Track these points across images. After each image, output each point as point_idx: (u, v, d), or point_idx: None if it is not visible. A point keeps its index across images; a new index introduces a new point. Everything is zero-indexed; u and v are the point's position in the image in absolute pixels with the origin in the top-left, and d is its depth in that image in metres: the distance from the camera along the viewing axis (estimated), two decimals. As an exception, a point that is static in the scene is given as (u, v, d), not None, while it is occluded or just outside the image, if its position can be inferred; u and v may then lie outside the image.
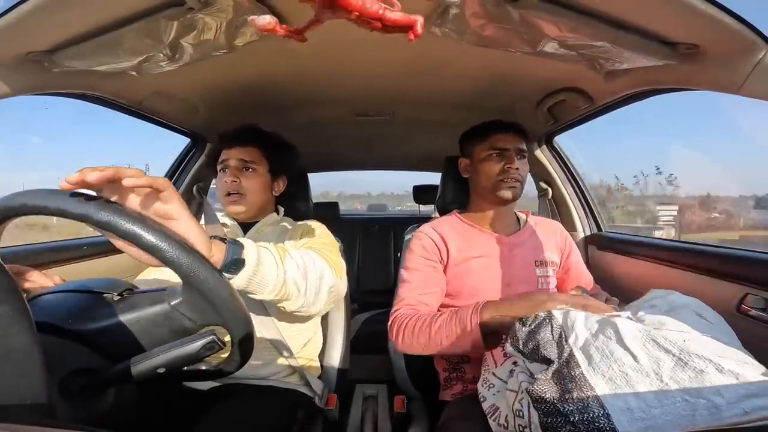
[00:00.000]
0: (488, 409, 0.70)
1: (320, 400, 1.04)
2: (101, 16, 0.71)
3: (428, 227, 1.11)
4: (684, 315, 0.62)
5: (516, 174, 1.04)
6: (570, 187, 1.66)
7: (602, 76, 0.98)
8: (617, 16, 0.69)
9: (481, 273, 1.04)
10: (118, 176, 0.46)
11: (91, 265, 1.25)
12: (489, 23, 0.74)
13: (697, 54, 0.74)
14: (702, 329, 0.59)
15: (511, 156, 1.04)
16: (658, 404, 0.51)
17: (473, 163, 1.11)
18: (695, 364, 0.52)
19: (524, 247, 1.09)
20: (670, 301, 0.67)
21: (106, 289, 0.57)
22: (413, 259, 1.06)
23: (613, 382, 0.53)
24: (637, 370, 0.53)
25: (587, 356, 0.56)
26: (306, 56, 1.00)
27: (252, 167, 1.09)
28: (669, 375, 0.52)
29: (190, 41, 0.79)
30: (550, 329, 0.61)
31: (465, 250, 1.05)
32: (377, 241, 2.73)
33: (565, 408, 0.53)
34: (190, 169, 1.63)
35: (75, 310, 0.54)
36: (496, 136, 1.06)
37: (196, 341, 0.53)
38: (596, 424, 0.51)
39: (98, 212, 0.44)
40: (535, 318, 0.64)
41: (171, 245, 0.47)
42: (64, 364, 0.50)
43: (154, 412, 0.74)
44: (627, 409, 0.51)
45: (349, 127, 1.71)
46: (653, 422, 0.50)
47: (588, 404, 0.52)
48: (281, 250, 0.73)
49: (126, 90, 1.08)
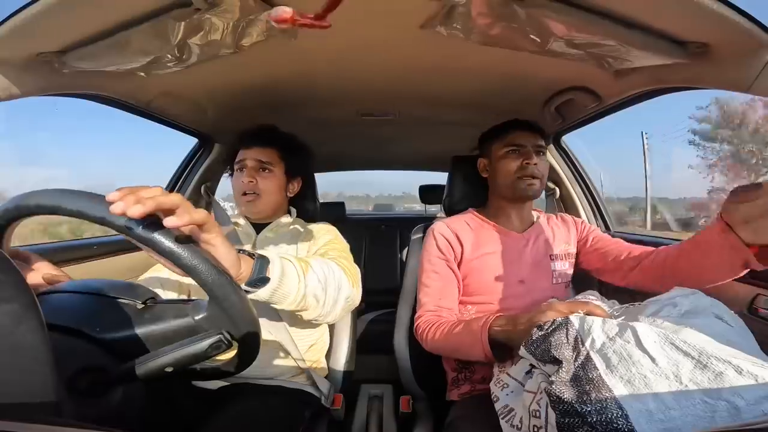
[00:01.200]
0: (501, 409, 0.70)
1: (326, 400, 1.04)
2: (110, 17, 0.72)
3: (442, 224, 1.11)
4: (704, 317, 0.62)
5: (534, 170, 1.04)
6: (578, 186, 1.64)
7: (611, 74, 0.97)
8: (626, 14, 0.69)
9: (495, 269, 1.04)
10: (159, 208, 0.47)
11: (99, 265, 1.26)
12: (496, 22, 0.74)
13: (706, 52, 0.73)
14: (721, 331, 0.58)
15: (528, 152, 1.05)
16: (677, 406, 0.51)
17: (492, 162, 1.12)
18: (714, 366, 0.52)
19: (538, 242, 1.10)
20: (692, 301, 0.66)
21: (128, 296, 0.59)
22: (430, 260, 1.08)
23: (632, 384, 0.53)
24: (655, 373, 0.53)
25: (605, 359, 0.56)
26: (312, 56, 1.01)
27: (269, 168, 1.09)
28: (688, 377, 0.52)
29: (197, 42, 0.80)
30: (566, 333, 0.61)
31: (478, 247, 1.06)
32: (383, 241, 2.73)
33: (583, 409, 0.54)
34: (198, 169, 1.64)
35: (100, 316, 0.56)
36: (513, 133, 1.07)
37: (204, 340, 0.53)
38: (615, 424, 0.51)
39: (138, 226, 0.47)
40: (553, 323, 0.64)
41: (206, 267, 0.50)
42: (72, 362, 0.50)
43: (162, 411, 0.75)
44: (646, 411, 0.51)
45: (354, 127, 1.71)
46: (673, 423, 0.50)
47: (606, 405, 0.53)
48: (304, 264, 0.75)
49: (135, 90, 1.08)
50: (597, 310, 0.71)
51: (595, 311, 0.70)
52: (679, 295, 0.68)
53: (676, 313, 0.63)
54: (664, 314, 0.64)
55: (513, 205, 1.11)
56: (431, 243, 1.09)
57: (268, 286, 0.66)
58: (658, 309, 0.66)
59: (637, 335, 0.57)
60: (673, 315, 0.63)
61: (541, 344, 0.63)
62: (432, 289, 1.05)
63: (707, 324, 0.59)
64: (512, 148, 1.06)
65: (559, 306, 0.73)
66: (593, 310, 0.70)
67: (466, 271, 1.06)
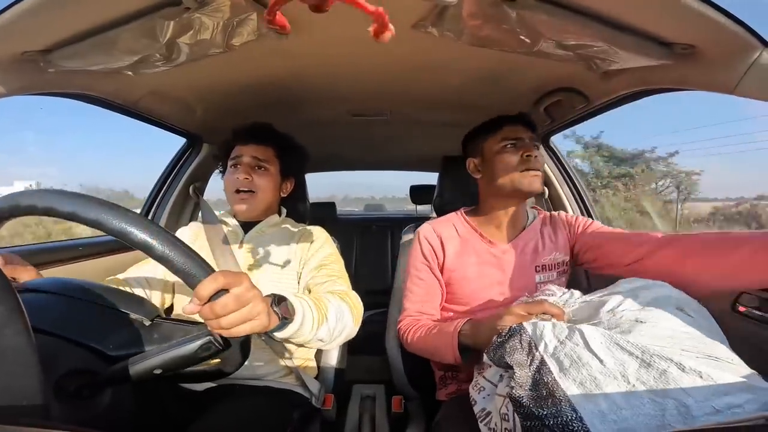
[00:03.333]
0: (479, 413, 0.71)
1: (317, 401, 1.03)
2: (97, 16, 0.71)
3: (428, 228, 1.09)
4: (664, 309, 0.62)
5: (536, 163, 0.98)
6: (566, 186, 1.66)
7: (598, 76, 0.98)
8: (614, 16, 0.70)
9: (478, 281, 1.03)
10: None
11: (86, 266, 1.24)
12: (486, 23, 0.74)
13: (692, 54, 0.74)
14: (681, 323, 0.59)
15: (528, 145, 0.99)
16: (628, 405, 0.52)
17: (485, 160, 1.05)
18: (658, 365, 0.53)
19: (525, 252, 1.04)
20: (654, 293, 0.67)
21: (136, 311, 0.59)
22: (415, 265, 1.08)
23: (584, 386, 0.55)
24: (604, 374, 0.55)
25: (558, 362, 0.58)
26: (302, 56, 1.00)
27: (265, 166, 1.08)
28: (635, 376, 0.54)
29: (186, 41, 0.79)
30: (519, 339, 0.63)
31: (463, 256, 1.04)
32: (375, 241, 2.73)
33: (539, 412, 0.55)
34: (186, 169, 1.63)
35: (110, 331, 0.57)
36: (508, 127, 1.02)
37: (193, 342, 0.53)
38: (571, 427, 0.52)
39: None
40: (509, 330, 0.66)
41: (197, 269, 0.51)
42: (59, 365, 0.50)
43: (150, 413, 0.74)
44: (599, 412, 0.52)
45: (345, 127, 1.71)
46: (626, 424, 0.51)
47: (561, 408, 0.54)
48: (321, 314, 0.76)
49: (122, 90, 1.07)
50: (552, 308, 0.72)
51: (550, 310, 0.72)
52: (641, 287, 0.69)
53: (636, 306, 0.64)
54: (624, 307, 0.65)
55: (510, 205, 1.04)
56: (416, 248, 1.09)
57: (284, 334, 0.67)
58: (619, 302, 0.67)
59: (584, 337, 0.58)
60: (634, 308, 0.64)
61: (498, 350, 0.66)
62: (415, 295, 1.07)
63: (666, 317, 0.60)
64: (510, 141, 1.00)
65: (515, 310, 0.75)
66: (548, 309, 0.72)
67: (448, 279, 1.05)
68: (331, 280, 0.98)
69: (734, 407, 0.50)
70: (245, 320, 0.53)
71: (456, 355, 0.86)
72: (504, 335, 0.66)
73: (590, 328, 0.60)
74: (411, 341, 1.00)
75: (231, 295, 0.51)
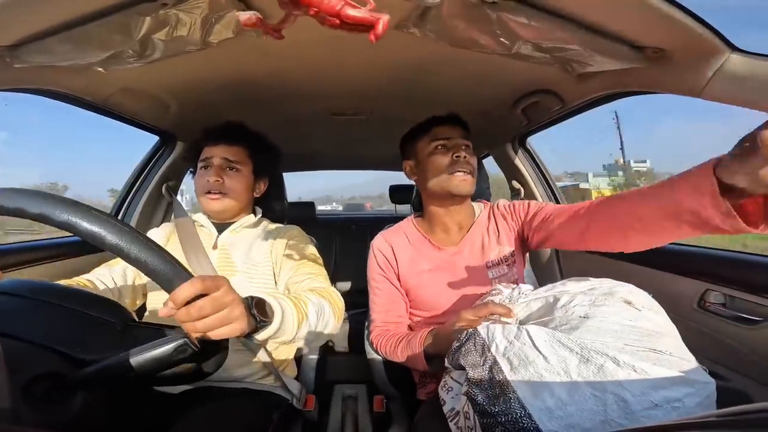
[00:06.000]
0: (448, 412, 0.72)
1: (298, 402, 1.02)
2: (69, 11, 0.68)
3: (381, 239, 1.11)
4: (612, 304, 0.64)
5: (466, 165, 0.98)
6: (541, 186, 1.70)
7: (574, 78, 1.01)
8: (589, 19, 0.71)
9: (433, 287, 1.04)
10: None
11: (54, 268, 1.19)
12: (467, 25, 0.75)
13: (663, 57, 0.77)
14: (626, 318, 0.61)
15: (457, 145, 1.00)
16: (572, 401, 0.54)
17: (418, 162, 1.06)
18: (595, 360, 0.55)
19: (473, 252, 1.05)
20: (605, 289, 0.68)
21: (106, 315, 0.58)
22: (374, 277, 1.11)
23: (531, 383, 0.57)
24: (549, 371, 0.57)
25: (509, 362, 0.60)
26: (281, 54, 0.99)
27: (236, 167, 1.06)
28: (576, 372, 0.56)
29: (161, 37, 0.77)
30: (474, 342, 0.66)
31: (416, 263, 1.06)
32: (354, 241, 2.72)
33: (492, 410, 0.57)
34: (158, 167, 1.58)
35: (80, 335, 0.55)
36: (438, 128, 1.03)
37: (168, 344, 0.51)
38: (521, 423, 0.54)
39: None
40: (466, 334, 0.69)
41: (167, 268, 0.51)
42: (26, 369, 0.48)
43: (125, 416, 0.72)
44: (546, 408, 0.54)
45: (325, 126, 1.70)
46: (572, 419, 0.53)
47: (511, 405, 0.56)
48: (301, 313, 0.75)
49: (91, 86, 1.03)
50: (497, 308, 0.75)
51: (496, 310, 0.75)
52: (595, 286, 0.71)
53: (587, 302, 0.66)
54: (576, 303, 0.67)
55: (447, 208, 1.05)
56: (372, 260, 1.11)
57: (263, 335, 0.65)
58: (571, 299, 0.69)
59: (530, 336, 0.60)
60: (584, 303, 0.66)
61: (455, 355, 0.69)
62: (378, 306, 1.10)
63: (614, 311, 0.62)
64: (440, 143, 1.01)
65: (465, 316, 0.79)
66: (494, 310, 0.75)
67: (405, 287, 1.08)
68: (310, 278, 0.97)
69: (673, 401, 0.51)
70: (222, 324, 0.52)
71: (424, 365, 0.93)
72: (462, 339, 0.69)
73: (536, 327, 0.62)
74: (384, 352, 1.04)
75: (208, 298, 0.51)
